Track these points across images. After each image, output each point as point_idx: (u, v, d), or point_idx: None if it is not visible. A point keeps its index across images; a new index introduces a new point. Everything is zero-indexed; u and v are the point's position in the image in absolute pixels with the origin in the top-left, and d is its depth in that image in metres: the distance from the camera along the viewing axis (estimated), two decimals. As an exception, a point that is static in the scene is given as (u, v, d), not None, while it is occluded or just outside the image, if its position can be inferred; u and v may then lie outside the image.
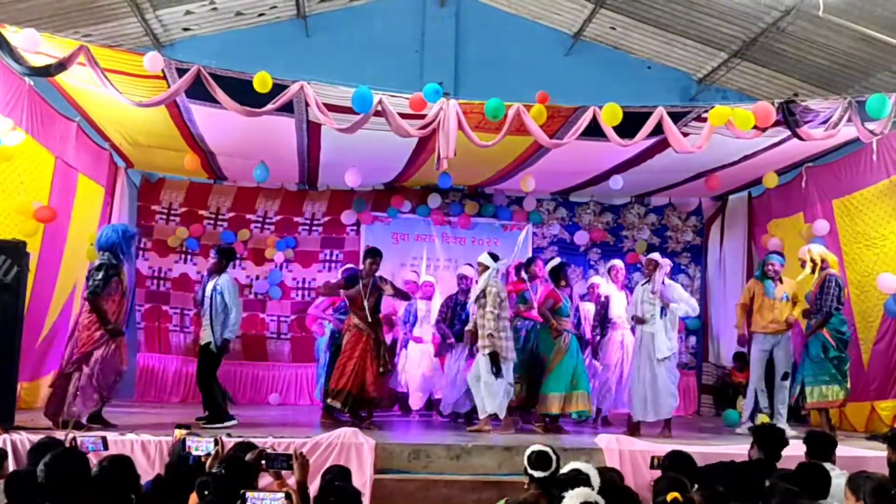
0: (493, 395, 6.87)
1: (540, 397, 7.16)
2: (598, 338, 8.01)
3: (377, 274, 7.30)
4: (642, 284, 7.32)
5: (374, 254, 7.34)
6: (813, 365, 7.03)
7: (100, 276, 6.17)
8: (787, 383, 7.39)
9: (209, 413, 6.76)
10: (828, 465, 4.06)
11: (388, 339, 7.95)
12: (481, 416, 7.00)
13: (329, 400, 7.08)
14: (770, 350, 7.46)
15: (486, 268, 7.15)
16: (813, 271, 7.16)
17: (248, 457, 3.71)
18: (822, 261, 7.17)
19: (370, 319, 7.12)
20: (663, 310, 6.99)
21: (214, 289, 6.86)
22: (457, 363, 7.67)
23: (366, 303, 7.10)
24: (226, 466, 3.48)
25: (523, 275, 8.06)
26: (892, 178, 7.21)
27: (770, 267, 7.50)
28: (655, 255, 7.39)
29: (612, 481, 3.69)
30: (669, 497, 3.15)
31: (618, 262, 8.37)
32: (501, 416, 6.95)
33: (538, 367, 7.39)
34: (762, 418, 7.10)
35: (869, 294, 7.22)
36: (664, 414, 6.96)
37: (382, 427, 7.07)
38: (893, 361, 7.16)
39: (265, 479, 3.76)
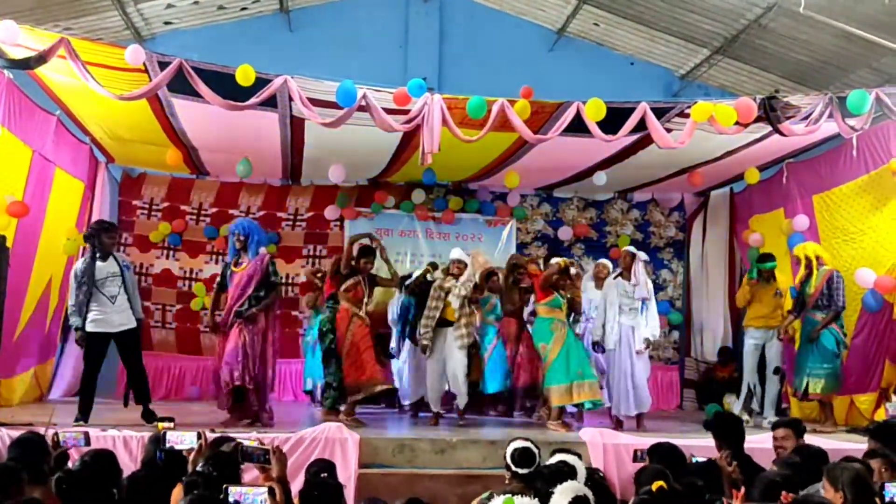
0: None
1: (544, 390, 6.99)
2: None
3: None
4: (614, 277, 7.32)
5: (367, 252, 7.29)
6: (822, 359, 7.08)
7: None
8: (777, 378, 7.58)
9: None
10: None
11: None
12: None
13: (353, 396, 6.91)
14: (763, 344, 7.64)
15: (466, 266, 7.18)
16: (809, 269, 7.24)
17: (223, 448, 3.70)
18: (818, 258, 7.27)
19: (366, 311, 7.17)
20: (644, 303, 7.02)
21: None
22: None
23: (365, 292, 7.16)
24: (212, 463, 3.46)
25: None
26: (871, 173, 7.30)
27: (768, 273, 7.65)
28: (631, 248, 7.43)
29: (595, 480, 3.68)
30: (655, 486, 3.14)
31: (603, 262, 8.34)
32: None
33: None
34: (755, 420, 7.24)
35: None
36: (645, 407, 7.00)
37: (370, 422, 7.00)
38: (871, 355, 7.25)
39: (252, 473, 3.75)
